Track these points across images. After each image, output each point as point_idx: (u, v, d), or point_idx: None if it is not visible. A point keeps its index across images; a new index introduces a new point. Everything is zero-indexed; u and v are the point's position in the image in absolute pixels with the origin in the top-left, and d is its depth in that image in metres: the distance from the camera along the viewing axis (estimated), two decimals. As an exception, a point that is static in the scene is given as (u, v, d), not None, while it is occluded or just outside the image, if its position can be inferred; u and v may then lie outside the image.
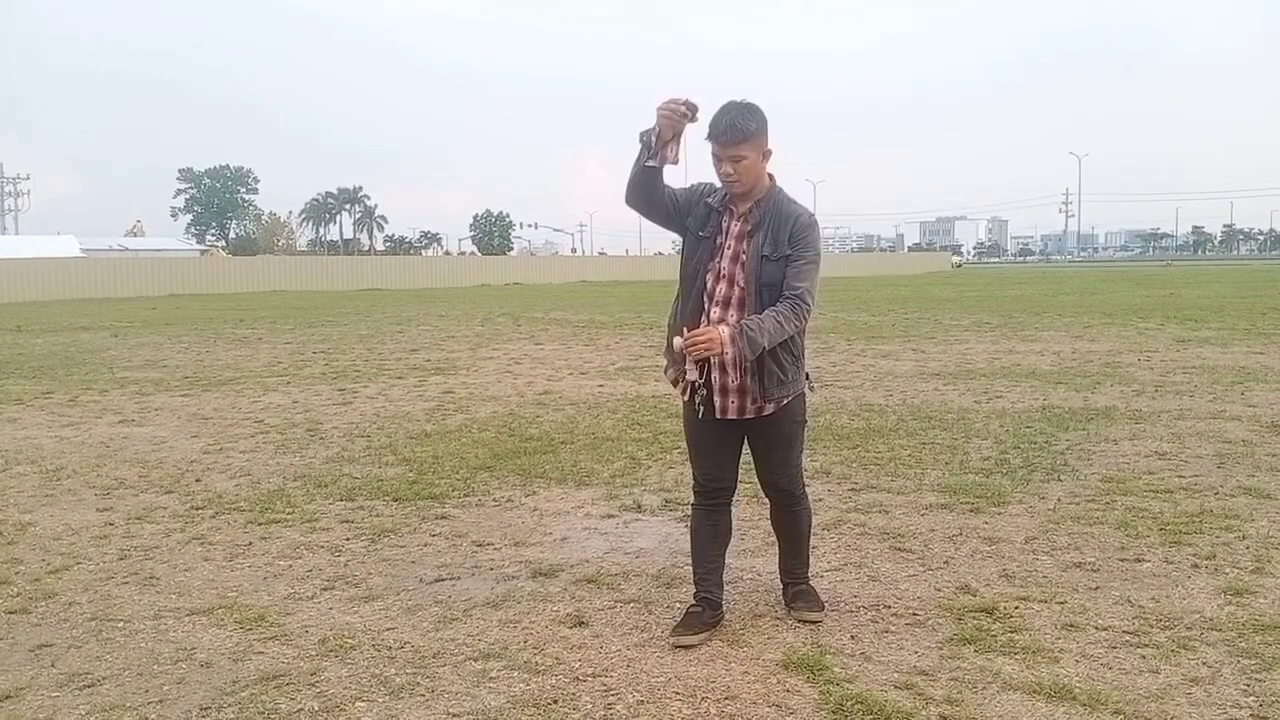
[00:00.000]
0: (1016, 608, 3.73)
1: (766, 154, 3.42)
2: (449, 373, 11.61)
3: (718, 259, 3.45)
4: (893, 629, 3.58)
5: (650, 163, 3.37)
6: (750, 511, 5.06)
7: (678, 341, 3.34)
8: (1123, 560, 4.26)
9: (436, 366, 12.28)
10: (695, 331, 3.28)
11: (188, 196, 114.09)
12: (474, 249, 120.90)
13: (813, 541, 3.98)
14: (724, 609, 3.66)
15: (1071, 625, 3.55)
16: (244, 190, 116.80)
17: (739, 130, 3.32)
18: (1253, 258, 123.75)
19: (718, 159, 3.38)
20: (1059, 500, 5.24)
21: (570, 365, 12.16)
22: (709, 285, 3.45)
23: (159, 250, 63.52)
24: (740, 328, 3.29)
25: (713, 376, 3.44)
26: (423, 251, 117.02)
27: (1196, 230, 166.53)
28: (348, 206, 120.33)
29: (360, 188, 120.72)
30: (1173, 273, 52.19)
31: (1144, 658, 3.27)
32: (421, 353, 14.09)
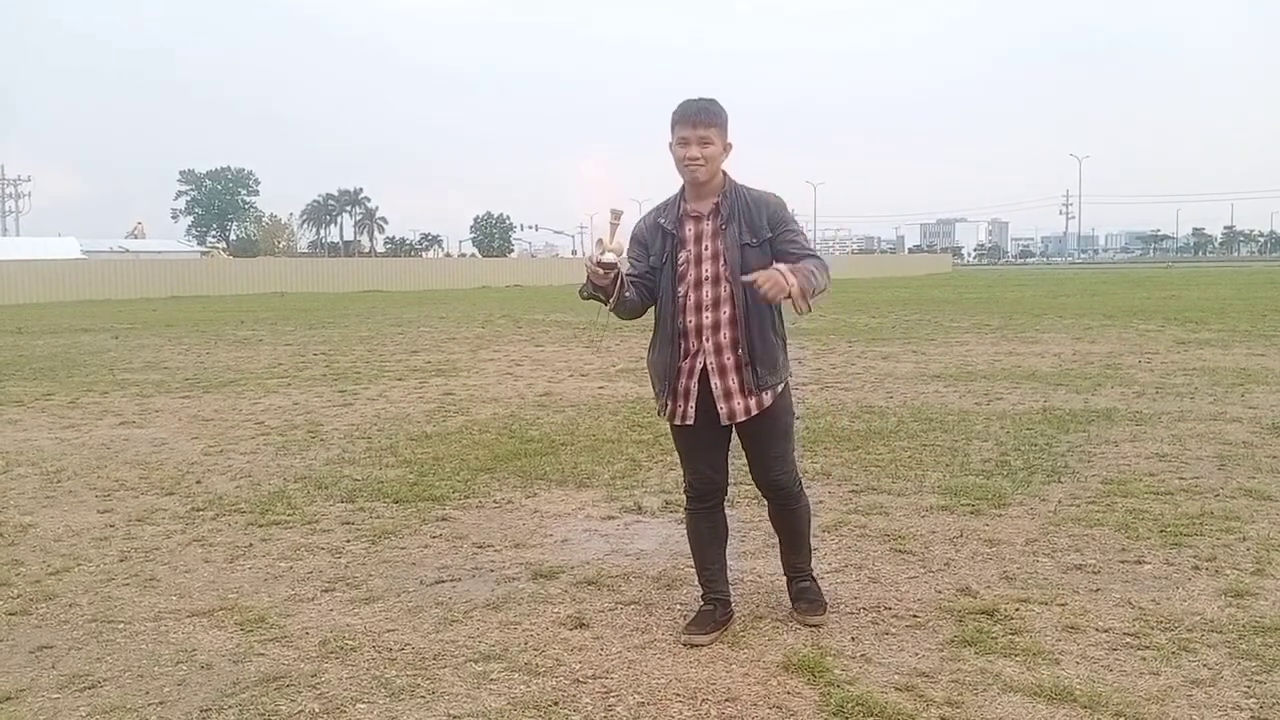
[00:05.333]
0: (1017, 609, 3.73)
1: (728, 147, 3.42)
2: (449, 374, 11.61)
3: (694, 269, 3.42)
4: (893, 631, 3.58)
5: (615, 306, 3.36)
6: (750, 513, 5.06)
7: (746, 279, 3.22)
8: (1123, 562, 4.26)
9: (437, 368, 12.28)
10: (757, 280, 3.17)
11: (189, 198, 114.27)
12: (474, 251, 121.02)
13: (813, 543, 3.98)
14: (733, 606, 3.67)
15: (1072, 627, 3.55)
16: (245, 192, 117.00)
17: (710, 113, 3.35)
18: (1253, 259, 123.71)
19: (685, 142, 3.34)
20: (1060, 502, 5.24)
21: (571, 367, 12.16)
22: (693, 299, 3.43)
23: (160, 252, 63.52)
24: (791, 267, 3.22)
25: (713, 383, 3.43)
26: (423, 253, 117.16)
27: (1197, 232, 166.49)
28: (348, 208, 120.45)
29: (361, 189, 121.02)
30: (1173, 274, 52.19)
31: (1144, 660, 3.27)
32: (422, 354, 14.09)
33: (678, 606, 3.84)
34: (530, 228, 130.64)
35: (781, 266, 3.23)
